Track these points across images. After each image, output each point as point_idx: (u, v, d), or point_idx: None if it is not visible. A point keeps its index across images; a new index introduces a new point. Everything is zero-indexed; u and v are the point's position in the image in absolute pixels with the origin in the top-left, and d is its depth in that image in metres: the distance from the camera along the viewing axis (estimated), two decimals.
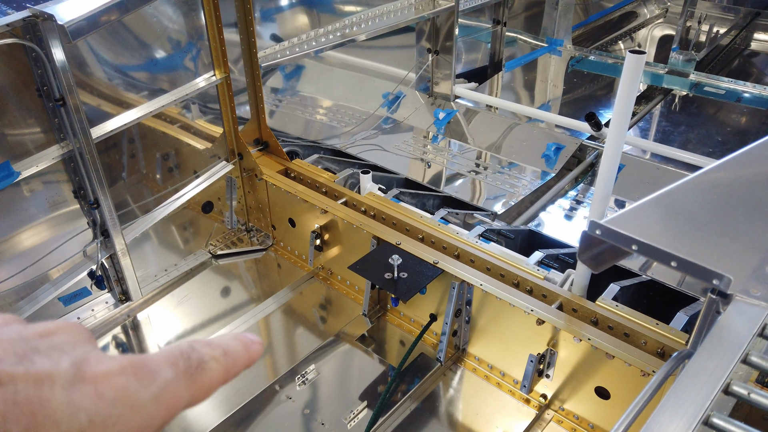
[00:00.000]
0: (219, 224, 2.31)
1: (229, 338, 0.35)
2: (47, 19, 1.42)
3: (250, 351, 0.36)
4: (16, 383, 0.26)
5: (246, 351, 0.35)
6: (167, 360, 0.31)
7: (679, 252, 0.69)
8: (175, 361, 0.31)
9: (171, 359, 0.31)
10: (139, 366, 0.30)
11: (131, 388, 0.29)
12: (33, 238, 1.74)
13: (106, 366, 0.29)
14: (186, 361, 0.32)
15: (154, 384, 0.29)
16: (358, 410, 1.63)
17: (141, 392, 0.29)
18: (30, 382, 0.26)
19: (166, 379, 0.30)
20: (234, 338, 0.35)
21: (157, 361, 0.31)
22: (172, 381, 0.30)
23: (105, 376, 0.28)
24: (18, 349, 0.27)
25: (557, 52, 3.73)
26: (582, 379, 1.52)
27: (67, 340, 0.29)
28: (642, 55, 1.29)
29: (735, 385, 0.63)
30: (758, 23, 4.00)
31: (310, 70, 3.28)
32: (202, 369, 0.32)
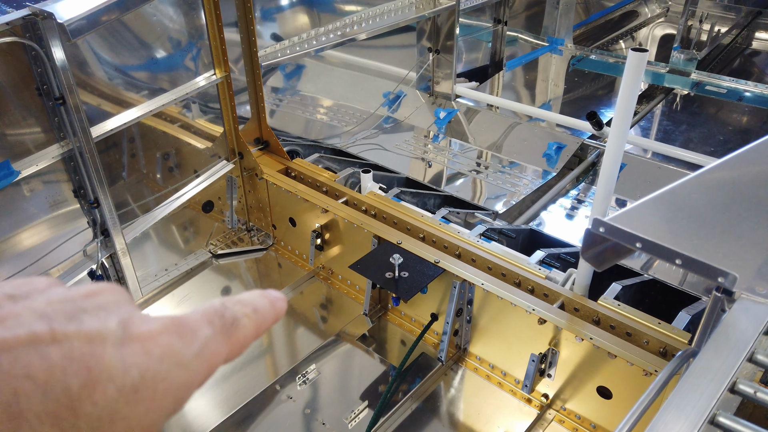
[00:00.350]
0: (219, 224, 2.30)
1: (256, 295, 0.36)
2: (47, 17, 1.42)
3: (276, 307, 0.36)
4: (70, 340, 0.27)
5: (273, 307, 0.36)
6: (204, 318, 0.32)
7: (684, 249, 0.68)
8: (212, 319, 0.33)
9: (207, 317, 0.33)
10: (180, 325, 0.31)
11: (176, 346, 0.30)
12: (33, 237, 1.74)
13: (150, 326, 0.30)
14: (221, 318, 0.33)
15: (195, 341, 0.31)
16: (359, 410, 1.62)
17: (185, 350, 0.30)
18: (83, 340, 0.27)
19: (206, 336, 0.32)
20: (260, 295, 0.36)
21: (195, 320, 0.32)
22: (211, 338, 0.32)
23: (151, 335, 0.29)
24: (67, 309, 0.28)
25: (558, 51, 3.72)
26: (584, 379, 1.51)
27: (111, 300, 0.30)
28: (644, 53, 1.29)
29: (741, 384, 0.63)
30: (759, 22, 3.99)
31: (310, 70, 3.28)
32: (236, 326, 0.33)
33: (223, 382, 1.73)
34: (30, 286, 0.30)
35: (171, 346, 0.30)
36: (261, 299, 0.36)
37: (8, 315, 0.27)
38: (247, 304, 0.35)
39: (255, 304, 0.35)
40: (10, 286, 0.30)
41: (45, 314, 0.28)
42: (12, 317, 0.27)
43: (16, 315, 0.27)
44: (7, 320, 0.27)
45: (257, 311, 0.35)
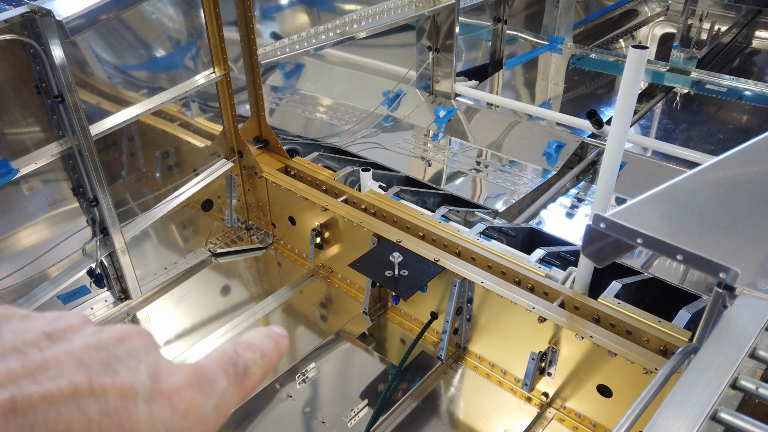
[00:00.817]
0: (219, 222, 2.30)
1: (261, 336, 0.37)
2: (45, 14, 1.42)
3: (280, 347, 0.38)
4: (107, 394, 0.28)
5: (277, 348, 0.38)
6: (220, 368, 0.34)
7: (685, 245, 0.68)
8: (226, 368, 0.34)
9: (222, 366, 0.34)
10: (201, 376, 0.32)
11: (198, 401, 0.31)
12: (32, 236, 1.73)
13: (176, 379, 0.31)
14: (234, 367, 0.34)
15: (214, 394, 0.32)
16: (358, 408, 1.62)
17: (205, 404, 0.32)
18: (117, 394, 0.28)
19: (222, 388, 0.33)
20: (266, 336, 0.38)
21: (213, 370, 0.33)
22: (227, 389, 0.33)
23: (177, 390, 0.31)
24: (102, 356, 0.29)
25: (558, 50, 3.72)
26: (584, 377, 1.51)
27: (140, 345, 0.31)
28: (644, 50, 1.28)
29: (743, 380, 0.62)
30: (759, 21, 3.98)
31: (310, 68, 3.27)
32: (247, 374, 0.35)
33: None
34: (65, 322, 0.31)
35: (194, 401, 0.31)
36: (266, 341, 0.37)
37: (50, 362, 0.28)
38: (256, 349, 0.36)
39: (262, 347, 0.37)
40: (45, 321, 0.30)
41: (83, 362, 0.28)
42: (54, 365, 0.28)
43: (57, 362, 0.28)
44: (49, 369, 0.27)
45: (264, 356, 0.36)
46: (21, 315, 0.31)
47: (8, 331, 0.29)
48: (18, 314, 0.31)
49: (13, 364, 0.27)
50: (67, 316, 0.31)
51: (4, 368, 0.27)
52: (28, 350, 0.28)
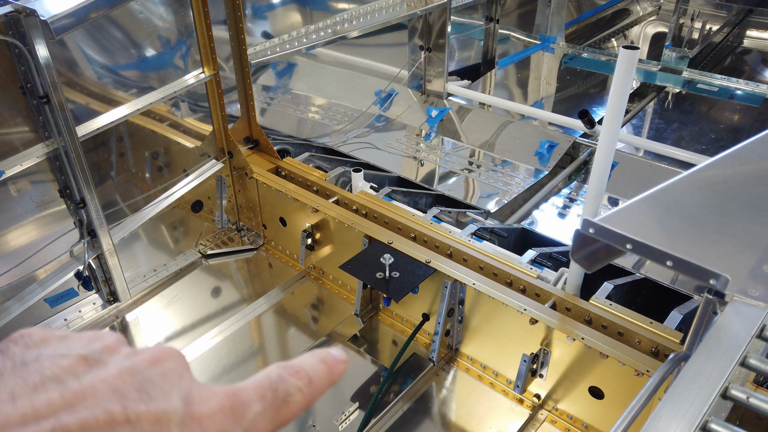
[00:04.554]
0: (209, 223, 2.28)
1: (315, 361, 0.36)
2: (30, 14, 1.39)
3: (333, 375, 0.36)
4: (141, 422, 0.28)
5: (329, 376, 0.36)
6: (257, 392, 0.33)
7: (675, 251, 0.67)
8: (264, 393, 0.33)
9: (261, 391, 0.33)
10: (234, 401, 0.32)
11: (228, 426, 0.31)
12: (19, 238, 1.71)
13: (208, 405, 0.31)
14: (273, 393, 0.33)
15: (245, 420, 0.32)
16: (349, 411, 1.61)
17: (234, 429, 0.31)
18: (151, 421, 0.29)
19: (255, 413, 0.32)
20: (321, 360, 0.36)
21: (249, 394, 0.33)
22: (260, 415, 0.32)
23: (209, 416, 0.31)
24: (136, 382, 0.30)
25: (550, 49, 3.71)
26: (576, 379, 1.50)
27: (173, 368, 0.32)
28: (635, 51, 1.28)
29: (733, 389, 0.61)
30: (751, 20, 4.00)
31: (301, 68, 3.25)
32: (287, 402, 0.34)
33: (213, 383, 1.70)
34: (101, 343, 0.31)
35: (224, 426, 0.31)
36: (319, 366, 0.35)
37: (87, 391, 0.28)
38: (304, 375, 0.35)
39: (312, 374, 0.35)
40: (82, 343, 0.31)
41: (118, 389, 0.29)
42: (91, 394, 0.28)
43: (94, 391, 0.28)
44: (87, 398, 0.28)
45: (312, 384, 0.35)
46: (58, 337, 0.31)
47: (46, 357, 0.30)
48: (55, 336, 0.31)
49: (52, 395, 0.28)
50: (103, 336, 0.32)
51: (45, 399, 0.27)
52: (66, 378, 0.29)
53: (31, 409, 0.27)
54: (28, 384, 0.28)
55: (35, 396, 0.28)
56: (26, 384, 0.28)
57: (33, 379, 0.28)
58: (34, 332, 0.31)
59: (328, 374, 0.36)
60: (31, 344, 0.30)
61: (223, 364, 1.77)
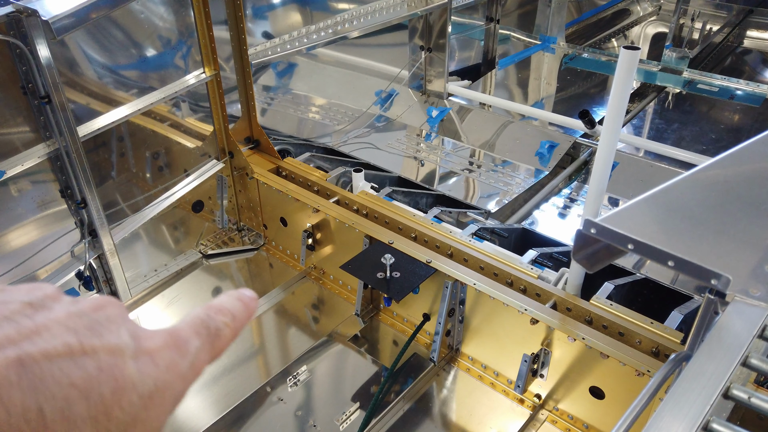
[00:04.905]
0: (210, 223, 2.28)
1: (232, 300, 0.40)
2: (31, 14, 1.40)
3: (250, 309, 0.40)
4: (98, 353, 0.30)
5: (247, 310, 0.40)
6: (193, 330, 0.36)
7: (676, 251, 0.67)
8: (198, 330, 0.37)
9: (195, 329, 0.36)
10: (177, 338, 0.35)
11: (175, 359, 0.34)
12: (20, 238, 1.71)
13: (155, 341, 0.34)
14: (207, 329, 0.37)
15: (188, 354, 0.35)
16: (350, 411, 1.61)
17: (182, 362, 0.34)
18: (107, 352, 0.31)
19: (196, 348, 0.36)
20: (236, 299, 0.40)
21: (186, 332, 0.36)
22: (200, 349, 0.36)
23: (157, 350, 0.33)
24: (85, 323, 0.31)
25: (550, 49, 3.71)
26: (576, 379, 1.51)
27: (116, 313, 0.34)
28: (636, 51, 1.28)
29: (735, 389, 0.61)
30: (751, 20, 4.00)
31: (302, 68, 3.25)
32: (219, 335, 0.38)
33: (214, 383, 1.72)
34: (41, 292, 0.33)
35: (173, 359, 0.34)
36: (237, 303, 0.40)
37: (40, 327, 0.30)
38: (227, 312, 0.39)
39: (233, 311, 0.39)
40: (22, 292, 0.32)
41: (70, 327, 0.31)
42: (45, 330, 0.30)
43: (47, 328, 0.30)
44: (41, 333, 0.30)
45: (235, 318, 0.39)
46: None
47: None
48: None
49: (8, 331, 0.29)
50: (42, 286, 0.33)
51: (2, 334, 0.29)
52: (18, 318, 0.30)
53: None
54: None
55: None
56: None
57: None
58: None
59: (245, 310, 0.40)
60: None
61: (223, 365, 1.77)
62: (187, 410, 1.65)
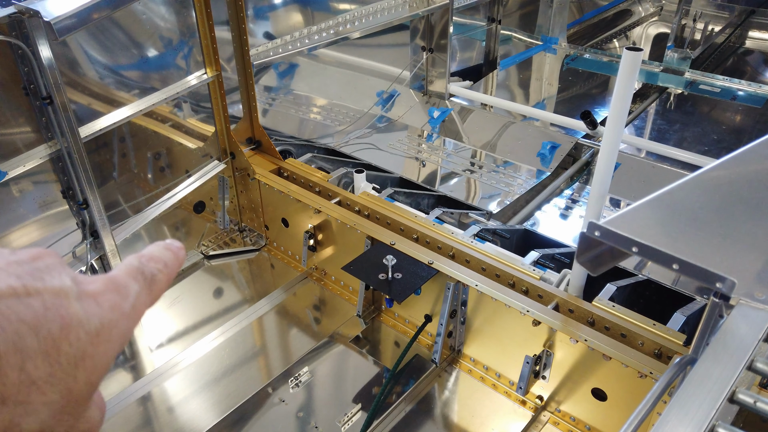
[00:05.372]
0: (211, 224, 2.28)
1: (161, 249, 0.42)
2: (33, 15, 1.39)
3: (179, 258, 0.43)
4: (42, 294, 0.32)
5: (176, 259, 0.42)
6: (130, 276, 0.39)
7: (681, 254, 0.67)
8: (135, 275, 0.39)
9: (132, 274, 0.39)
10: (116, 283, 0.37)
11: (117, 301, 0.36)
12: (22, 238, 1.71)
13: (96, 285, 0.36)
14: (143, 275, 0.39)
15: (129, 296, 0.37)
16: (352, 413, 1.61)
17: (124, 303, 0.37)
18: (51, 294, 0.32)
19: (136, 291, 0.38)
20: (165, 248, 0.42)
21: (124, 278, 0.38)
22: (140, 293, 0.38)
23: (99, 292, 0.35)
24: (26, 269, 0.33)
25: (552, 50, 3.71)
26: (578, 381, 1.50)
27: (54, 262, 0.35)
28: (639, 52, 1.28)
29: (741, 393, 0.61)
30: (753, 21, 3.99)
31: (303, 68, 3.25)
32: (155, 281, 0.40)
33: (215, 384, 1.71)
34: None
35: (115, 301, 0.36)
36: (167, 253, 0.42)
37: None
38: (159, 260, 0.41)
39: (164, 259, 0.41)
40: None
41: (12, 272, 0.32)
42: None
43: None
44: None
45: (167, 265, 0.41)
46: None
47: None
48: None
49: None
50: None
51: None
52: None
53: None
54: None
55: None
56: None
57: None
58: None
59: (175, 258, 0.42)
60: None
61: (225, 365, 1.77)
62: (188, 411, 1.65)
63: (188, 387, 1.72)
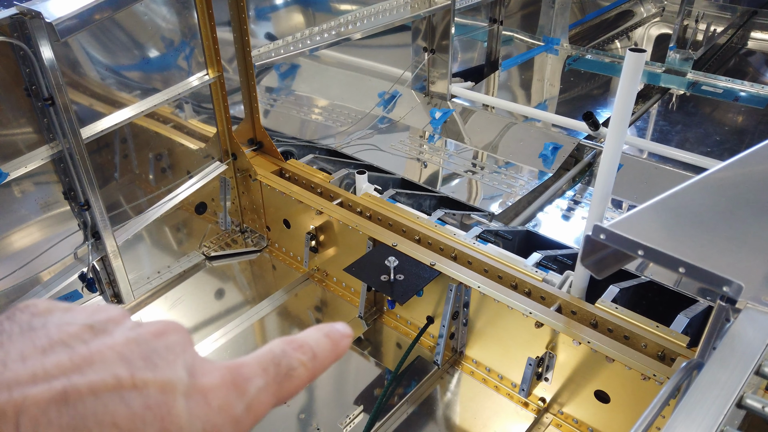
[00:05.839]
0: (213, 225, 2.28)
1: (320, 336, 0.35)
2: (35, 16, 1.39)
3: (338, 349, 0.36)
4: (148, 388, 0.28)
5: (334, 350, 0.35)
6: (260, 366, 0.33)
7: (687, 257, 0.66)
8: (267, 367, 0.33)
9: (263, 366, 0.33)
10: (237, 375, 0.32)
11: (231, 399, 0.31)
12: (24, 239, 1.71)
13: (212, 377, 0.31)
14: (276, 367, 0.33)
15: (247, 394, 0.32)
16: (354, 414, 1.60)
17: (237, 403, 0.31)
18: (158, 388, 0.29)
19: (258, 388, 0.32)
20: (325, 335, 0.35)
21: (252, 369, 0.32)
22: (263, 389, 0.32)
23: (212, 388, 0.31)
24: (142, 351, 0.30)
25: (554, 50, 3.71)
26: (581, 383, 1.50)
27: (177, 341, 0.31)
28: (642, 54, 1.27)
29: (749, 398, 0.61)
30: (755, 22, 3.98)
31: (305, 69, 3.25)
32: (290, 376, 0.33)
33: None
34: (105, 314, 0.31)
35: (227, 399, 0.31)
36: (324, 341, 0.35)
37: (95, 356, 0.28)
38: (308, 349, 0.34)
39: (316, 348, 0.35)
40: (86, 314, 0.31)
41: (125, 356, 0.29)
42: (99, 359, 0.28)
43: (102, 356, 0.29)
44: (95, 362, 0.28)
45: (316, 358, 0.34)
46: (63, 308, 0.31)
47: (53, 324, 0.30)
48: (60, 307, 0.31)
49: (61, 357, 0.28)
50: (107, 308, 0.32)
51: (55, 361, 0.28)
52: (73, 343, 0.29)
53: (41, 369, 0.27)
54: (36, 347, 0.28)
55: (45, 357, 0.28)
56: (35, 346, 0.28)
57: (41, 343, 0.28)
58: (39, 302, 0.31)
59: (332, 349, 0.35)
60: (36, 313, 0.31)
61: None
62: None
63: None
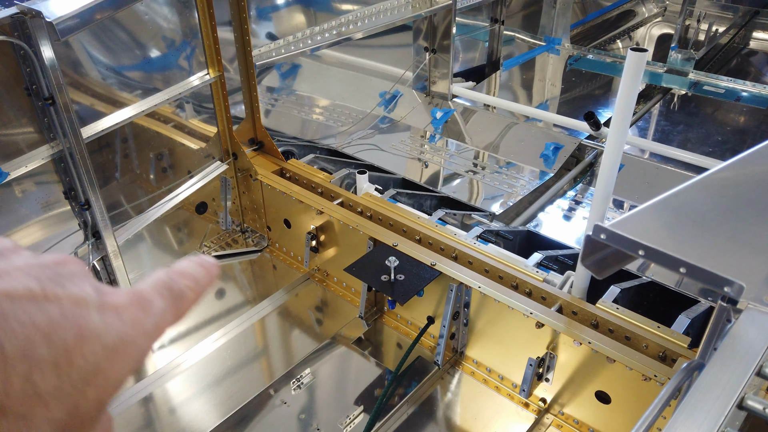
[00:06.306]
0: (213, 225, 2.27)
1: (193, 265, 0.40)
2: (36, 16, 1.39)
3: (212, 275, 0.41)
4: (61, 300, 0.30)
5: (208, 276, 0.40)
6: (156, 291, 0.37)
7: (688, 257, 0.66)
8: (162, 291, 0.37)
9: (158, 290, 0.37)
10: (141, 297, 0.35)
11: (140, 316, 0.34)
12: (24, 239, 1.71)
13: (119, 298, 0.34)
14: (170, 291, 0.37)
15: (152, 313, 0.35)
16: (354, 415, 1.60)
17: (146, 320, 0.35)
18: (70, 301, 0.31)
19: (160, 308, 0.36)
20: (198, 264, 0.40)
21: (150, 293, 0.36)
22: (164, 309, 0.36)
23: (121, 306, 0.34)
24: (47, 273, 0.31)
25: (555, 50, 3.70)
26: (582, 383, 1.49)
27: (78, 269, 0.34)
28: (643, 53, 1.27)
29: (750, 400, 0.60)
30: (757, 22, 3.98)
31: (306, 69, 3.25)
32: (181, 297, 0.38)
33: (217, 386, 1.71)
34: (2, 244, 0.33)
35: (137, 316, 0.34)
36: (199, 269, 0.40)
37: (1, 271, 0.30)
38: (189, 276, 0.39)
39: (195, 275, 0.40)
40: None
41: (32, 274, 0.31)
42: (5, 275, 0.30)
43: (8, 273, 0.30)
44: (1, 277, 0.30)
45: (197, 282, 0.39)
46: None
47: None
48: None
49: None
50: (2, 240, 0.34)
51: None
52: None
53: None
54: None
55: None
56: None
57: None
58: None
59: (207, 275, 0.40)
60: None
61: (227, 367, 1.77)
62: (190, 412, 1.65)
63: (190, 388, 1.71)
